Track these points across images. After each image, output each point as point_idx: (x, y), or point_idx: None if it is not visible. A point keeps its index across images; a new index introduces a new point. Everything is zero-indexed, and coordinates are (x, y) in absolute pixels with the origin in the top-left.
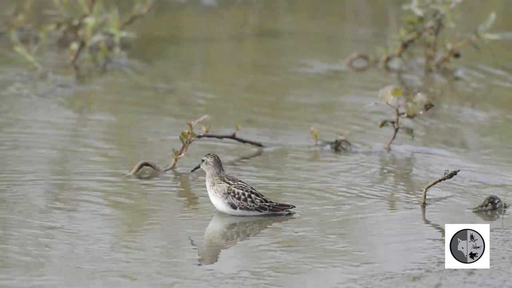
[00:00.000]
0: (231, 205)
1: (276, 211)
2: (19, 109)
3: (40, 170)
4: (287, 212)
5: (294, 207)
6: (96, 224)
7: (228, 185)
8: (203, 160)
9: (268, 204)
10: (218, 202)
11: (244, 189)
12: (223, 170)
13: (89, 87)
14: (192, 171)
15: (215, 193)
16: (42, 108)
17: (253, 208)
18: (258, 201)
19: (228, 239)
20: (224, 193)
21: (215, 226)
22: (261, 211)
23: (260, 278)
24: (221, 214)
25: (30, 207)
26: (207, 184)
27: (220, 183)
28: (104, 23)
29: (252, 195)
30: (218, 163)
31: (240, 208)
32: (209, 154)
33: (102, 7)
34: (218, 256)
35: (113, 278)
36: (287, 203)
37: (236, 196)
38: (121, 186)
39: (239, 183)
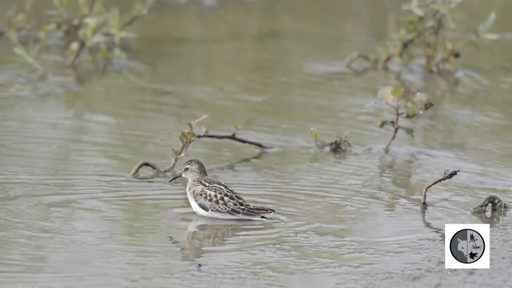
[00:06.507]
0: (202, 207)
1: (251, 215)
2: (19, 110)
3: (40, 171)
4: (265, 218)
5: (273, 211)
6: (95, 225)
7: (203, 187)
8: (186, 169)
9: (242, 207)
10: (192, 203)
11: (217, 191)
12: (206, 175)
13: (89, 88)
14: (170, 181)
15: (191, 195)
16: (42, 109)
17: (225, 211)
18: (231, 204)
19: (228, 239)
20: (196, 195)
21: (215, 227)
22: (233, 214)
23: (260, 278)
24: None
25: (30, 207)
26: (187, 189)
27: (197, 185)
28: (104, 24)
29: (225, 198)
30: (202, 169)
31: (212, 210)
32: (192, 160)
33: (102, 8)
34: (218, 256)
35: (112, 279)
36: (265, 207)
37: (208, 198)
38: (121, 186)
39: (216, 185)
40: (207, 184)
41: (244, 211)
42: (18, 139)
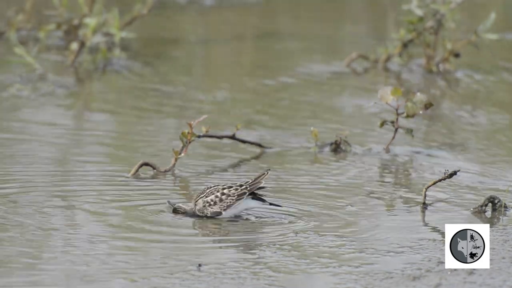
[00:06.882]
0: (216, 214)
1: (255, 187)
2: (19, 110)
3: (40, 171)
4: (273, 205)
5: (269, 170)
6: (94, 225)
7: (200, 199)
8: (177, 211)
9: (244, 187)
10: (207, 214)
11: (214, 193)
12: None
13: (89, 88)
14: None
15: (199, 213)
16: (42, 109)
17: (234, 199)
18: (233, 191)
19: (228, 239)
20: (204, 209)
21: (214, 227)
22: (242, 197)
23: (260, 278)
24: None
25: (29, 208)
26: (191, 210)
27: (196, 202)
28: (104, 24)
29: (225, 191)
30: (185, 203)
31: (224, 210)
32: (175, 209)
33: (102, 8)
34: (218, 256)
35: (112, 279)
36: (260, 174)
37: (212, 203)
38: (120, 186)
39: (207, 190)
40: (201, 195)
41: (248, 189)
42: (17, 139)
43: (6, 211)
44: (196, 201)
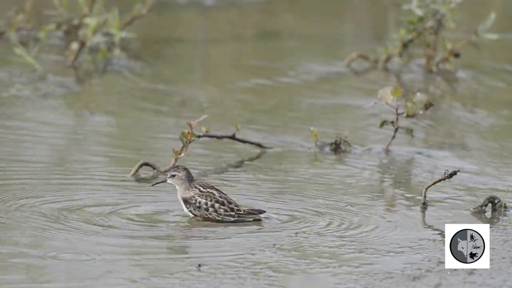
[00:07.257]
0: (194, 215)
1: (244, 219)
2: (19, 110)
3: (40, 171)
4: (256, 218)
5: (265, 211)
6: (94, 225)
7: (195, 192)
8: (173, 175)
9: (233, 213)
10: (185, 210)
11: (208, 198)
12: (194, 181)
13: (89, 88)
14: (153, 185)
15: (184, 202)
16: (42, 109)
17: (215, 219)
18: (222, 211)
19: (228, 239)
20: (188, 202)
21: (214, 227)
22: (225, 222)
23: (260, 278)
24: None
25: (30, 207)
26: (178, 196)
27: (191, 191)
28: (104, 24)
29: (216, 205)
30: (190, 176)
31: (204, 218)
32: (178, 167)
33: (102, 8)
34: (218, 256)
35: (112, 280)
36: (257, 209)
37: (197, 204)
38: (120, 186)
39: (209, 190)
40: (201, 189)
41: (235, 217)
42: (17, 138)
43: (6, 210)
44: (195, 186)
